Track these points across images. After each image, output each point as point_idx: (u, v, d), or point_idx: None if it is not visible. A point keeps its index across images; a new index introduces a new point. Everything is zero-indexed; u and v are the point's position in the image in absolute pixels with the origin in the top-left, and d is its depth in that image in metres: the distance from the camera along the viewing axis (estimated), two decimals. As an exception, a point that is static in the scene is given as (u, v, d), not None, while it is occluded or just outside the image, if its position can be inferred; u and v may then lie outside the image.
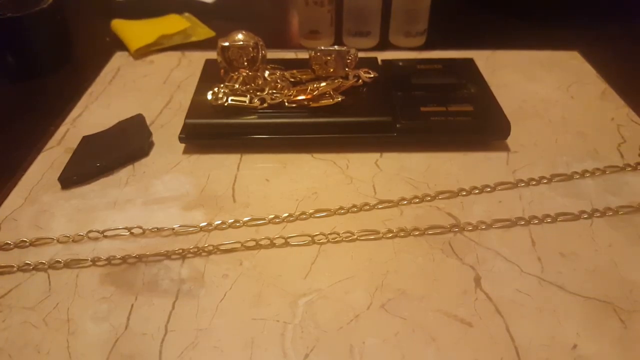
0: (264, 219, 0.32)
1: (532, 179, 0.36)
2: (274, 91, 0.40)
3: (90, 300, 0.28)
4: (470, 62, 0.45)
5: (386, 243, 0.31)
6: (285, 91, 0.40)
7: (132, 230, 0.32)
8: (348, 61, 0.41)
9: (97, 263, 0.30)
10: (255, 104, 0.39)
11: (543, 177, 0.36)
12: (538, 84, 0.47)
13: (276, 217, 0.33)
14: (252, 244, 0.31)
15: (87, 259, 0.30)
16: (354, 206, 0.33)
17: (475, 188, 0.35)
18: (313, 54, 0.41)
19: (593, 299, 0.28)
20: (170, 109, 0.44)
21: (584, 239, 0.31)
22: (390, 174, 0.37)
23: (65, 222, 0.33)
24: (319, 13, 0.51)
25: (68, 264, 0.30)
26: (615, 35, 0.57)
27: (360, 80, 0.41)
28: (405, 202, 0.34)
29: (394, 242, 0.31)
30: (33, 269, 0.30)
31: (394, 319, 0.27)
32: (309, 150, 0.39)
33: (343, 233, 0.31)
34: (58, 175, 0.36)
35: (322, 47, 0.41)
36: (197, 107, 0.40)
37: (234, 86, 0.40)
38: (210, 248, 0.31)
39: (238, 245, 0.31)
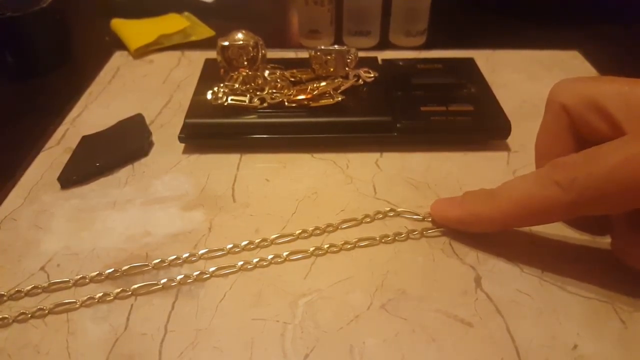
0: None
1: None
2: (274, 91, 0.40)
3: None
4: (470, 61, 0.45)
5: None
6: (285, 91, 0.40)
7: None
8: (348, 61, 0.41)
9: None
10: (255, 104, 0.39)
11: (543, 177, 0.36)
12: (539, 84, 0.47)
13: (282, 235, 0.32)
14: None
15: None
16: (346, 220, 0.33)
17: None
18: (313, 54, 0.41)
19: (593, 299, 0.28)
20: (169, 108, 0.44)
21: (584, 238, 0.31)
22: (390, 173, 0.37)
23: (64, 221, 0.33)
24: (319, 12, 0.51)
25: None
26: (615, 35, 0.57)
27: (361, 80, 0.41)
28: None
29: (394, 242, 0.31)
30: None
31: (394, 319, 0.27)
32: (308, 150, 0.39)
33: (341, 244, 0.31)
34: (57, 175, 0.36)
35: (322, 47, 0.41)
36: (197, 106, 0.40)
37: (233, 86, 0.40)
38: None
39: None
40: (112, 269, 0.29)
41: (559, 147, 0.28)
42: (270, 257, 0.30)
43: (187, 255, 0.30)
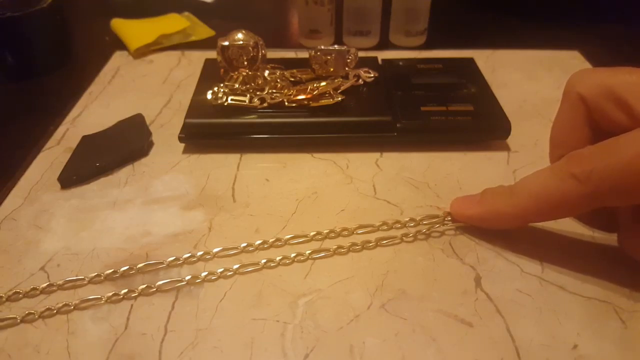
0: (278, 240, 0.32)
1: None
2: (274, 91, 0.40)
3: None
4: (470, 61, 0.45)
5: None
6: (285, 91, 0.40)
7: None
8: (348, 61, 0.41)
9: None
10: (255, 104, 0.39)
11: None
12: (539, 84, 0.47)
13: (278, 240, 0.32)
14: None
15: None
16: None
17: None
18: (313, 54, 0.41)
19: (593, 299, 0.28)
20: (169, 108, 0.44)
21: (584, 238, 0.31)
22: (390, 173, 0.37)
23: (64, 222, 0.33)
24: (319, 12, 0.51)
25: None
26: (615, 35, 0.57)
27: (361, 80, 0.41)
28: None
29: (394, 243, 0.31)
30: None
31: (394, 319, 0.27)
32: (309, 150, 0.39)
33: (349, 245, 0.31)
34: (57, 175, 0.36)
35: (322, 47, 0.41)
36: (197, 106, 0.40)
37: (233, 86, 0.40)
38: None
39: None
40: (112, 269, 0.29)
41: (574, 137, 0.28)
42: (278, 258, 0.30)
43: (187, 255, 0.30)
